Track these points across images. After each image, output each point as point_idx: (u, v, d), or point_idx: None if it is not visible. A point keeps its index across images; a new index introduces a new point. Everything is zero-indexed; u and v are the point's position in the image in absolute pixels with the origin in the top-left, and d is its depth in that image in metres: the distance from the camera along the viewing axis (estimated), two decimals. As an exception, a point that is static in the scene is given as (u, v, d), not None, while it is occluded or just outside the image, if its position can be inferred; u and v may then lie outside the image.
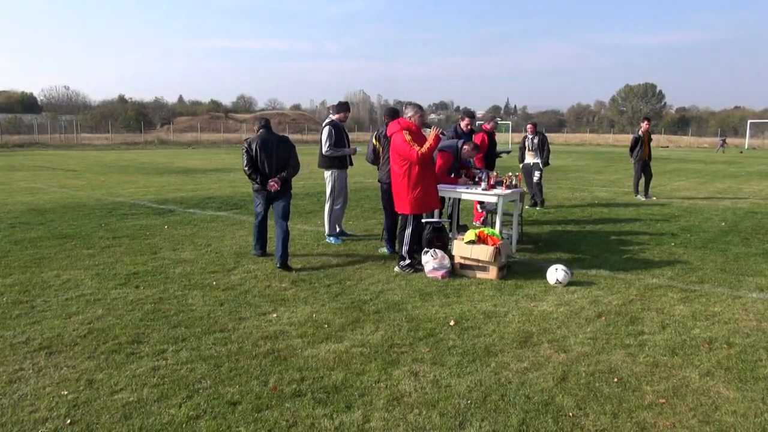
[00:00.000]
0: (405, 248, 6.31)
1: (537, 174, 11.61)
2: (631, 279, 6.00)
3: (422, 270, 6.15)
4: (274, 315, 4.79)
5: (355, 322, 4.65)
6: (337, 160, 7.65)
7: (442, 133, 6.37)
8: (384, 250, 7.15)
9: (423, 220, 6.56)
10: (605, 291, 5.56)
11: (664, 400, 3.36)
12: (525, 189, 9.87)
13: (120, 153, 33.81)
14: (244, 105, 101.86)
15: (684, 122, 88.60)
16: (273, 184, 6.38)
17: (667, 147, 50.41)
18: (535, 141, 11.77)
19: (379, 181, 7.15)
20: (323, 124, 7.74)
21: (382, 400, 3.33)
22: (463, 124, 8.48)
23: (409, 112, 6.29)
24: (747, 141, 54.35)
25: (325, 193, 7.98)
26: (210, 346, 4.11)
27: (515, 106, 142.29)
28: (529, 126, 12.09)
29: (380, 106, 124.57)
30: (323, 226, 8.10)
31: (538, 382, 3.59)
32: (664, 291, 5.58)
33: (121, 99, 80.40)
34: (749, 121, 58.37)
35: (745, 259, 6.96)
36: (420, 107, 6.37)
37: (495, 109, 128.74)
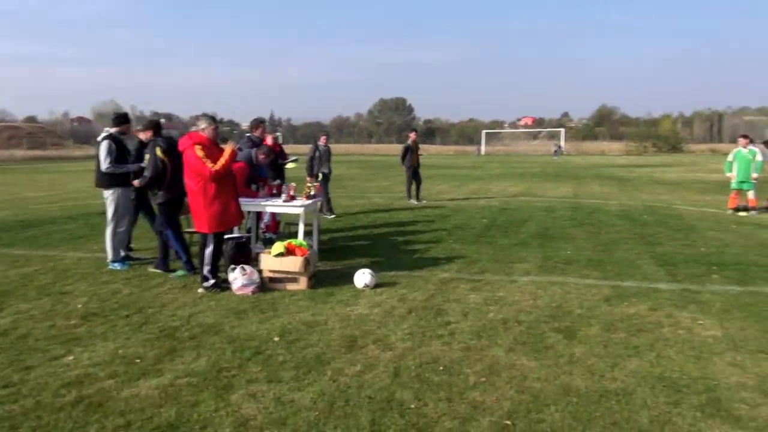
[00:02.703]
0: (207, 268, 6.00)
1: (327, 184, 11.97)
2: (426, 275, 6.56)
3: (229, 288, 5.91)
4: (71, 357, 4.17)
5: (172, 351, 4.28)
6: (119, 178, 6.90)
7: (239, 149, 6.23)
8: (180, 272, 6.66)
9: (225, 237, 6.31)
10: (408, 289, 6.00)
11: (484, 379, 3.77)
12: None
13: None
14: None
15: (431, 132, 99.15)
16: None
17: (422, 155, 55.86)
18: (325, 151, 12.01)
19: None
20: (99, 139, 6.93)
21: (228, 428, 3.15)
22: (257, 132, 8.40)
23: (201, 124, 6.02)
24: (483, 148, 63.09)
25: (105, 215, 7.13)
26: (-5, 406, 3.41)
27: (280, 118, 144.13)
28: (323, 136, 12.15)
29: (135, 117, 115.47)
30: (103, 251, 7.25)
31: (375, 381, 3.73)
32: (456, 283, 6.22)
33: None
34: (484, 132, 68.07)
35: (509, 249, 8.11)
36: (213, 119, 6.13)
37: (261, 121, 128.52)
